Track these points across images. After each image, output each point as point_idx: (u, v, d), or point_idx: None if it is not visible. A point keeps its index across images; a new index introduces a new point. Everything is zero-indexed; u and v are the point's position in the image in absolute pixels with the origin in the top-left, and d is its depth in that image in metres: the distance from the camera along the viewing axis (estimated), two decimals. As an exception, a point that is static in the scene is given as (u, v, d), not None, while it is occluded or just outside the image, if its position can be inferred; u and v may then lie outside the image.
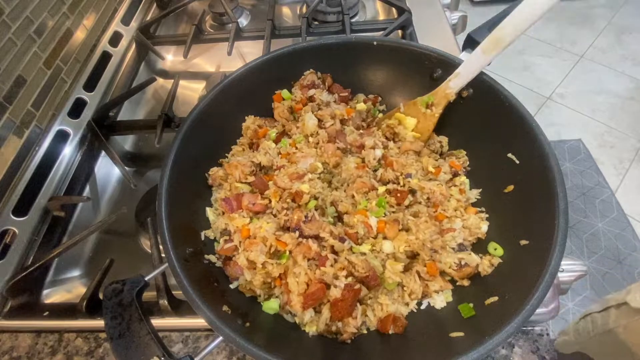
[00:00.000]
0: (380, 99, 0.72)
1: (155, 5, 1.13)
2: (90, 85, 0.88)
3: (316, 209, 0.56)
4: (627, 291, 0.80)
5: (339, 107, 0.68)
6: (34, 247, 0.67)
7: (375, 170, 0.62)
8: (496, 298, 0.47)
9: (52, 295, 0.66)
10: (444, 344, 0.46)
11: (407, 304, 0.52)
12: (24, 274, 0.61)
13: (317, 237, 0.54)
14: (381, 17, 1.08)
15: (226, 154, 0.66)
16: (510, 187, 0.56)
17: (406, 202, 0.58)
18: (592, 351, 0.90)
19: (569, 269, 0.61)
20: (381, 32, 0.91)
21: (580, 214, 1.88)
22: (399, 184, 0.60)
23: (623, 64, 2.50)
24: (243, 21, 1.08)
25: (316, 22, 1.02)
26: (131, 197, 0.74)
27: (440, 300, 0.52)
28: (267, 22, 0.97)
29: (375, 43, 0.67)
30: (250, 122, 0.67)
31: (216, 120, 0.62)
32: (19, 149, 0.73)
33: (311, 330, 0.49)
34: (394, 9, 1.00)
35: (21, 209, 0.69)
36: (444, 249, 0.54)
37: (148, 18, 1.10)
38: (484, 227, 0.56)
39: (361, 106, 0.70)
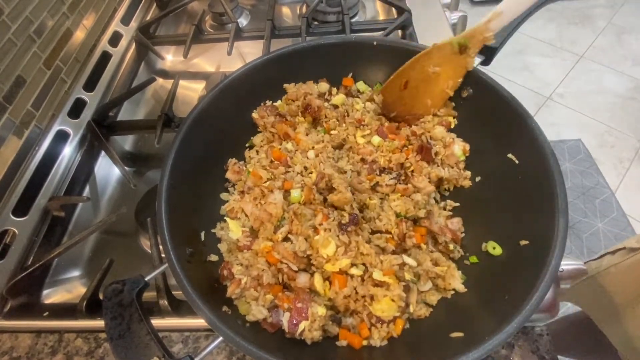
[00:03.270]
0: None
1: (155, 5, 1.13)
2: (90, 86, 0.88)
3: None
4: (623, 242, 0.82)
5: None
6: (34, 248, 0.67)
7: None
8: (496, 298, 0.47)
9: (52, 296, 0.66)
10: (443, 344, 0.46)
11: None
12: (24, 274, 0.61)
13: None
14: (381, 17, 1.08)
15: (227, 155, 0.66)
16: (510, 187, 0.56)
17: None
18: (579, 298, 0.91)
19: (569, 269, 0.61)
20: (381, 32, 0.91)
21: (580, 213, 1.88)
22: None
23: (623, 64, 2.50)
24: (243, 21, 1.08)
25: (316, 22, 1.02)
26: (131, 197, 0.74)
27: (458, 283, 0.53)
28: (267, 22, 0.97)
29: (375, 43, 0.67)
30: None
31: (216, 120, 0.62)
32: (18, 149, 0.73)
33: (308, 339, 0.49)
34: (393, 9, 1.00)
35: (21, 209, 0.69)
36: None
37: (148, 18, 1.10)
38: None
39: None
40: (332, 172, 0.59)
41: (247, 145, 0.69)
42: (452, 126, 0.65)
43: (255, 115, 0.68)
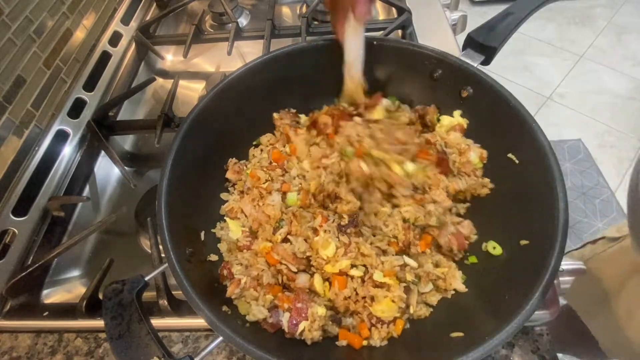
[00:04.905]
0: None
1: (155, 5, 1.13)
2: (89, 85, 0.88)
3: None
4: (604, 231, 0.83)
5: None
6: (34, 247, 0.67)
7: None
8: (496, 298, 0.47)
9: (52, 296, 0.66)
10: (443, 344, 0.46)
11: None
12: (24, 274, 0.61)
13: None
14: (381, 17, 1.08)
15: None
16: (510, 187, 0.56)
17: None
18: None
19: (569, 269, 0.61)
20: (381, 32, 0.91)
21: (580, 214, 1.88)
22: None
23: (623, 64, 2.50)
24: (243, 21, 1.08)
25: (316, 22, 1.02)
26: (131, 197, 0.74)
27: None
28: (267, 22, 0.97)
29: (375, 43, 0.67)
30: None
31: (216, 120, 0.62)
32: (18, 149, 0.73)
33: (308, 339, 0.49)
34: (393, 9, 1.00)
35: (21, 209, 0.69)
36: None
37: (148, 18, 1.10)
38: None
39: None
40: (336, 188, 0.57)
41: (254, 143, 0.69)
42: (465, 126, 0.64)
43: (275, 115, 0.69)
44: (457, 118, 0.64)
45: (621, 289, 0.75)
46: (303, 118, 0.70)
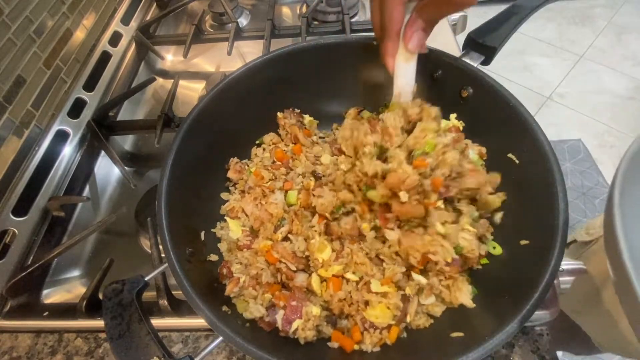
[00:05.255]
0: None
1: (155, 5, 1.13)
2: (90, 85, 0.88)
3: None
4: (573, 235, 0.83)
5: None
6: (34, 247, 0.67)
7: None
8: (496, 298, 0.47)
9: (52, 296, 0.66)
10: (443, 344, 0.46)
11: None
12: (24, 274, 0.61)
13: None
14: (381, 17, 1.07)
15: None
16: (510, 187, 0.56)
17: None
18: None
19: (569, 269, 0.61)
20: (381, 32, 0.91)
21: (580, 213, 1.88)
22: None
23: (623, 64, 2.50)
24: (243, 21, 1.08)
25: (316, 22, 1.02)
26: (131, 197, 0.74)
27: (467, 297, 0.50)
28: (267, 22, 0.97)
29: (375, 43, 0.66)
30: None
31: (216, 120, 0.62)
32: (18, 149, 0.73)
33: (301, 338, 0.48)
34: (393, 9, 1.00)
35: (21, 209, 0.69)
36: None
37: (148, 18, 1.10)
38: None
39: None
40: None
41: (256, 142, 0.69)
42: (461, 128, 0.63)
43: (280, 115, 0.69)
44: (452, 121, 0.64)
45: (606, 286, 0.75)
46: (307, 118, 0.70)
